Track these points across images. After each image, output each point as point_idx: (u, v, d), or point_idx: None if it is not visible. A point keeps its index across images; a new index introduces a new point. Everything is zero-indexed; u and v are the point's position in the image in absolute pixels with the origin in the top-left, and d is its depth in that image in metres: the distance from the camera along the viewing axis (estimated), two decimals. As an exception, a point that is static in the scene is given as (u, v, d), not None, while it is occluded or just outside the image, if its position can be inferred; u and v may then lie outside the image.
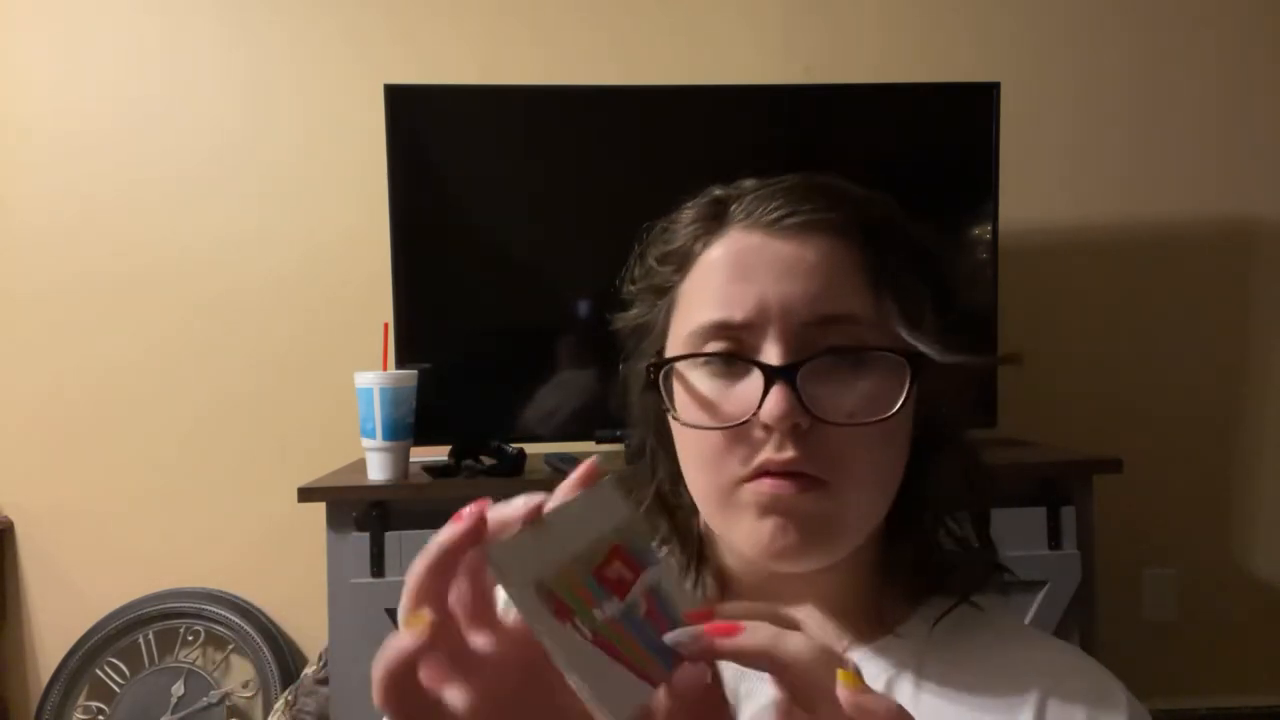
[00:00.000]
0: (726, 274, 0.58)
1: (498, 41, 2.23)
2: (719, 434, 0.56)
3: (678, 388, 0.60)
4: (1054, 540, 1.72)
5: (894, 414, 0.56)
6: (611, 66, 2.21)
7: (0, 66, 2.23)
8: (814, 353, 0.55)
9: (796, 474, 0.55)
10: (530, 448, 1.80)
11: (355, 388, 1.66)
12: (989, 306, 1.93)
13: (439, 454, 1.81)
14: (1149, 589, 2.30)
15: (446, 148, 1.96)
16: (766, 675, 0.41)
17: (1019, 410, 1.97)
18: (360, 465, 1.75)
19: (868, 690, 0.40)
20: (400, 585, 0.43)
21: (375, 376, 1.65)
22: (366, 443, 1.67)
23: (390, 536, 1.65)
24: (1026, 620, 1.69)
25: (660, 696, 0.39)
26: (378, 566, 1.65)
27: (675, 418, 0.59)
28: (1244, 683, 2.32)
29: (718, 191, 0.63)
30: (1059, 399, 2.18)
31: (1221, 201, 2.31)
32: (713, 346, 0.57)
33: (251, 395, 2.23)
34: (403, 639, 0.37)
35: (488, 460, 1.76)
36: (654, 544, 0.43)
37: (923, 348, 0.57)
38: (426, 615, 0.38)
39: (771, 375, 0.54)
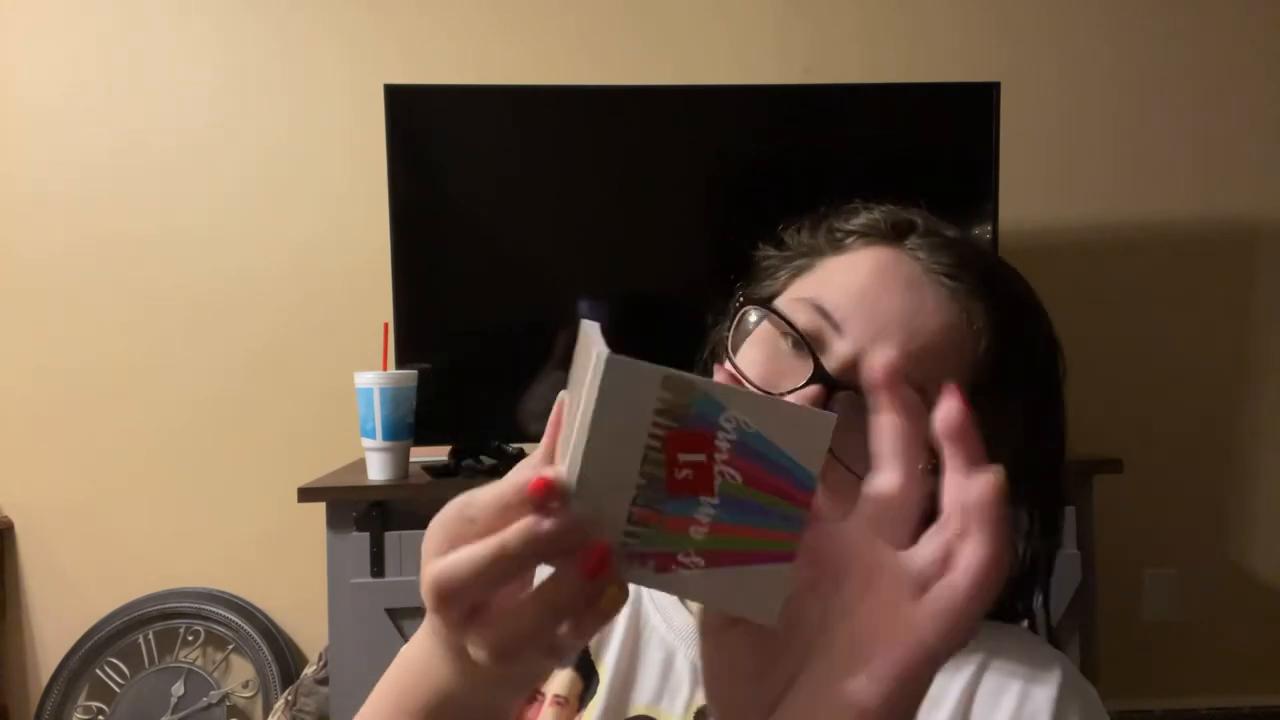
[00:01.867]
0: (867, 277, 0.60)
1: (497, 42, 2.23)
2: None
3: (745, 329, 0.62)
4: (1054, 540, 1.72)
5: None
6: (612, 67, 2.21)
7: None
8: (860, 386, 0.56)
9: None
10: (530, 448, 1.80)
11: (355, 388, 1.66)
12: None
13: (439, 454, 1.81)
14: (1149, 589, 2.30)
15: (446, 148, 1.96)
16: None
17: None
18: (360, 465, 1.75)
19: None
20: (400, 585, 0.43)
21: (375, 376, 1.65)
22: (366, 443, 1.67)
23: (390, 536, 1.65)
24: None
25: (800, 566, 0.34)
26: (378, 566, 1.64)
27: (726, 346, 0.62)
28: (1244, 683, 2.32)
29: (913, 215, 0.65)
30: (1059, 399, 2.18)
31: (1221, 201, 2.31)
32: (799, 318, 0.59)
33: (252, 395, 2.23)
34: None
35: (488, 460, 1.76)
36: (707, 391, 0.32)
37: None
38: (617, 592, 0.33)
39: (820, 375, 0.56)
